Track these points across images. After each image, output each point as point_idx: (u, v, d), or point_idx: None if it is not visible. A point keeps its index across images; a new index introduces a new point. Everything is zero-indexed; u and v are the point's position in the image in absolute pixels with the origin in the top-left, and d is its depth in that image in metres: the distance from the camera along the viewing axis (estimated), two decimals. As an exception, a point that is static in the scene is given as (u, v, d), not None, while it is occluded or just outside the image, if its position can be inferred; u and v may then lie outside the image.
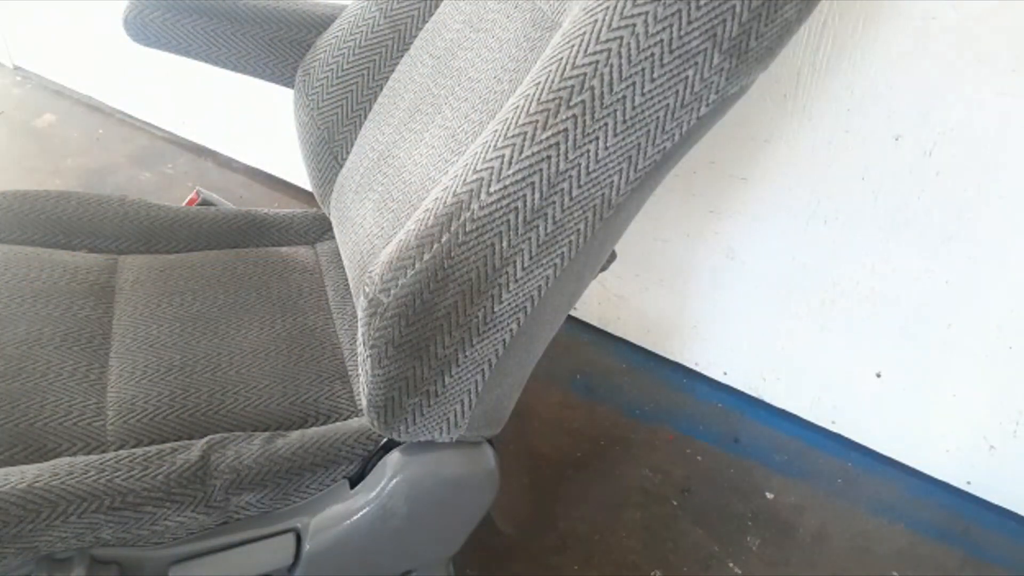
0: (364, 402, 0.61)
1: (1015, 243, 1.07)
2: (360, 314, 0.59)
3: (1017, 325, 1.12)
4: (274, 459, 0.70)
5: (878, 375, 1.28)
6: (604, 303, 1.53)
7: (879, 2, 1.02)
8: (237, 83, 1.13)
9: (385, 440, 0.72)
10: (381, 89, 0.96)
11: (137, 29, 1.00)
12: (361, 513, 0.70)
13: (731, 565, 1.20)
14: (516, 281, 0.57)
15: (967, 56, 0.99)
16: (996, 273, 1.10)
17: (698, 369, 1.49)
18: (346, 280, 0.96)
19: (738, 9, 0.51)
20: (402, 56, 0.95)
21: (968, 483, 1.28)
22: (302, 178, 1.05)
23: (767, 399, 1.43)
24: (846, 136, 1.13)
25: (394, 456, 0.69)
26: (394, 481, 0.68)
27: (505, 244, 0.55)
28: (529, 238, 0.56)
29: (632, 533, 1.24)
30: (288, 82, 1.04)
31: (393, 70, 0.95)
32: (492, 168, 0.53)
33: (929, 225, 1.12)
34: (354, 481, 0.71)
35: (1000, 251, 1.09)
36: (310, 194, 1.06)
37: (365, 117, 0.97)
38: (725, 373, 1.46)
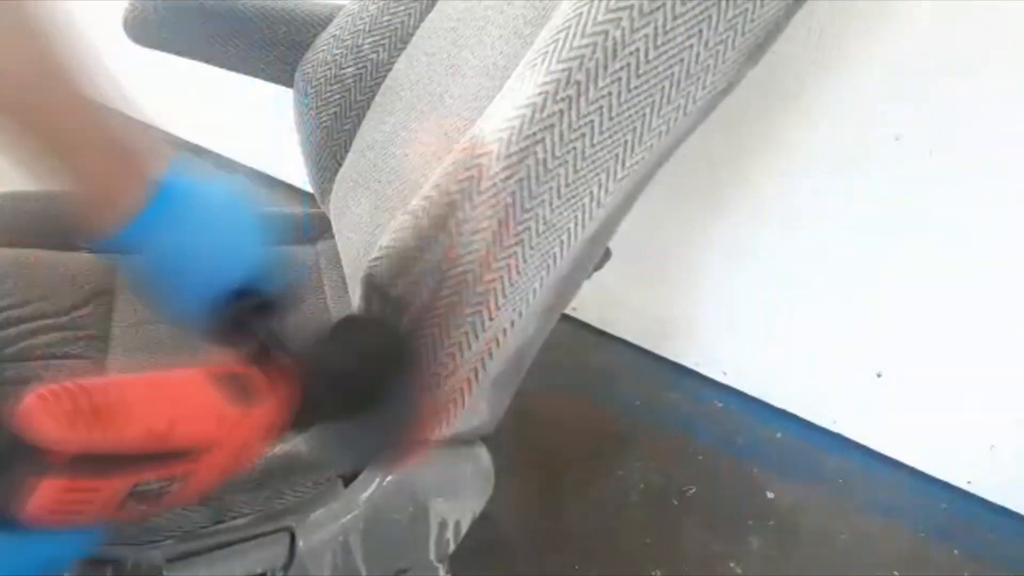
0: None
1: (1015, 243, 1.07)
2: (360, 303, 0.59)
3: (1018, 324, 1.12)
4: (268, 458, 0.70)
5: (878, 375, 1.28)
6: (604, 303, 1.53)
7: (880, 2, 1.01)
8: (236, 83, 1.13)
9: (379, 439, 0.72)
10: (379, 88, 0.97)
11: (137, 30, 1.00)
12: (355, 512, 0.70)
13: (732, 565, 1.20)
14: (512, 284, 0.57)
15: (968, 56, 0.99)
16: (996, 272, 1.10)
17: (698, 369, 1.48)
18: (344, 279, 0.96)
19: (724, 5, 0.50)
20: (399, 55, 0.95)
21: (968, 483, 1.28)
22: (302, 178, 1.05)
23: (767, 399, 1.43)
24: (846, 136, 1.12)
25: (387, 454, 0.69)
26: (387, 480, 0.69)
27: (499, 245, 0.55)
28: (521, 239, 0.55)
29: (632, 533, 1.24)
30: (287, 82, 1.04)
31: (390, 69, 0.96)
32: (481, 165, 0.53)
33: (929, 225, 1.12)
34: (348, 480, 0.71)
35: (1000, 251, 1.09)
36: (310, 195, 1.06)
37: (363, 116, 0.98)
38: (725, 373, 1.46)
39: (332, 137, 0.99)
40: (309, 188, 1.06)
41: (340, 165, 0.99)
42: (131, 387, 0.45)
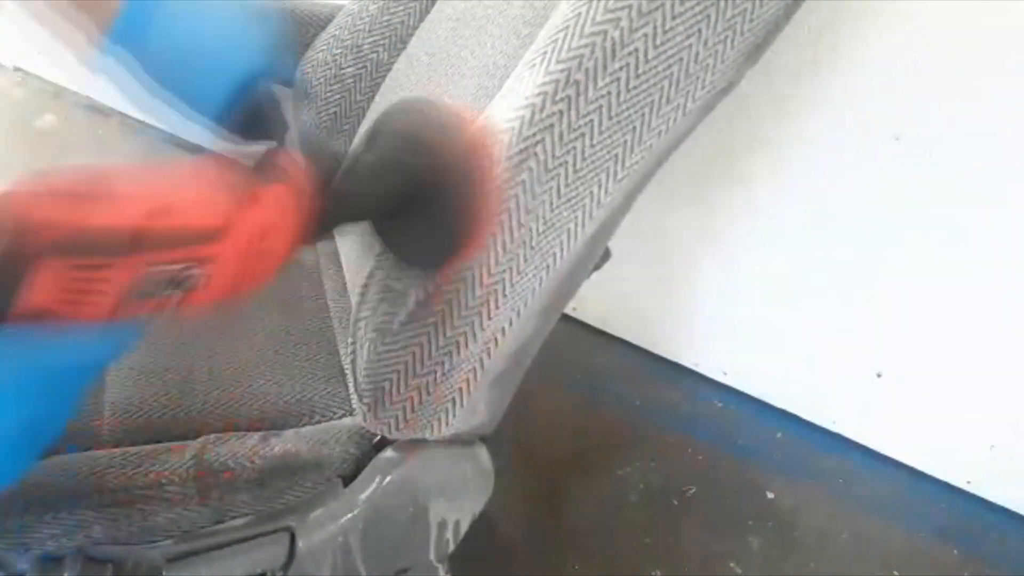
0: (355, 397, 0.61)
1: (1016, 242, 1.07)
2: (366, 296, 0.59)
3: (1018, 324, 1.12)
4: (268, 458, 0.70)
5: (878, 375, 1.28)
6: (604, 303, 1.53)
7: (879, 2, 1.01)
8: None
9: (378, 439, 0.72)
10: (379, 88, 0.97)
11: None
12: (354, 512, 0.70)
13: (732, 565, 1.20)
14: (512, 285, 0.57)
15: (968, 56, 0.99)
16: (996, 272, 1.10)
17: (698, 369, 1.48)
18: (344, 279, 0.96)
19: (723, 5, 0.50)
20: (399, 55, 0.95)
21: (968, 483, 1.28)
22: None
23: (767, 399, 1.43)
24: (846, 136, 1.12)
25: (387, 455, 0.69)
26: (387, 480, 0.69)
27: (501, 247, 0.55)
28: (522, 239, 0.55)
29: (632, 533, 1.24)
30: (287, 81, 1.04)
31: (390, 69, 0.96)
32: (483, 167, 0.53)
33: (929, 225, 1.12)
34: (347, 480, 0.71)
35: (1000, 251, 1.09)
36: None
37: (363, 116, 0.98)
38: (725, 373, 1.46)
39: (332, 137, 0.99)
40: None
41: (340, 165, 0.98)
42: (116, 170, 0.43)
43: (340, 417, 0.79)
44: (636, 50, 0.51)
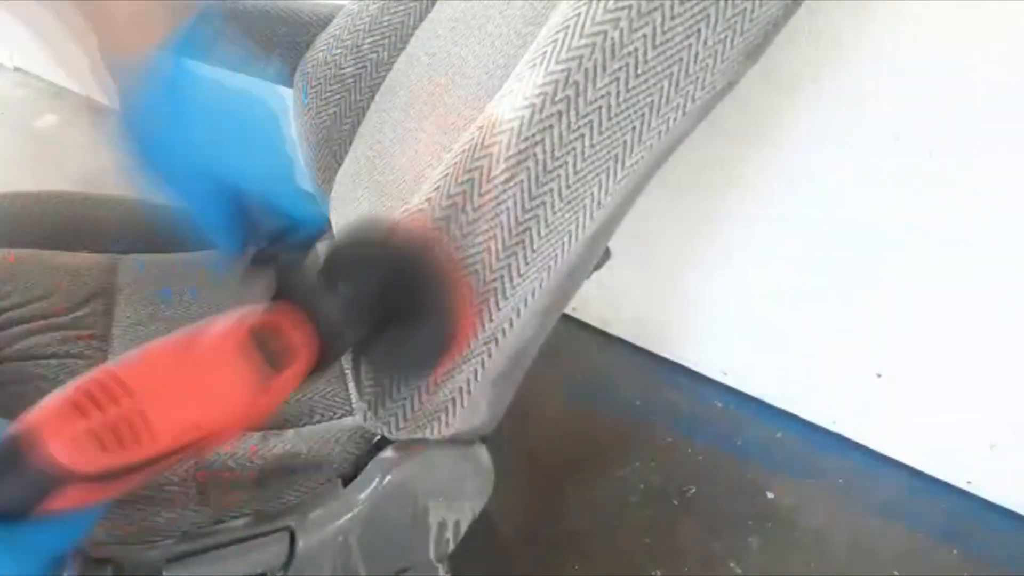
0: (355, 396, 0.61)
1: (1016, 243, 1.07)
2: None
3: (1018, 324, 1.12)
4: (267, 457, 0.70)
5: (878, 375, 1.28)
6: (603, 303, 1.53)
7: (880, 2, 1.01)
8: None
9: (378, 439, 0.72)
10: (379, 88, 0.97)
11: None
12: (354, 512, 0.69)
13: (732, 565, 1.20)
14: (512, 286, 0.57)
15: (969, 56, 0.99)
16: (996, 273, 1.10)
17: (698, 369, 1.48)
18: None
19: (722, 5, 0.50)
20: (399, 55, 0.95)
21: (968, 483, 1.28)
22: (301, 178, 1.05)
23: (767, 399, 1.43)
24: (846, 136, 1.12)
25: (386, 454, 0.69)
26: (386, 480, 0.68)
27: (500, 246, 0.55)
28: (522, 240, 0.55)
29: (632, 533, 1.24)
30: (286, 81, 1.04)
31: (390, 68, 0.95)
32: (481, 168, 0.53)
33: (929, 225, 1.12)
34: (347, 480, 0.71)
35: (1000, 251, 1.08)
36: (309, 195, 1.06)
37: (363, 116, 0.98)
38: (725, 373, 1.46)
39: (332, 137, 0.99)
40: (308, 188, 1.05)
41: (339, 165, 0.99)
42: (150, 396, 0.43)
43: (340, 417, 0.79)
44: (635, 50, 0.51)
